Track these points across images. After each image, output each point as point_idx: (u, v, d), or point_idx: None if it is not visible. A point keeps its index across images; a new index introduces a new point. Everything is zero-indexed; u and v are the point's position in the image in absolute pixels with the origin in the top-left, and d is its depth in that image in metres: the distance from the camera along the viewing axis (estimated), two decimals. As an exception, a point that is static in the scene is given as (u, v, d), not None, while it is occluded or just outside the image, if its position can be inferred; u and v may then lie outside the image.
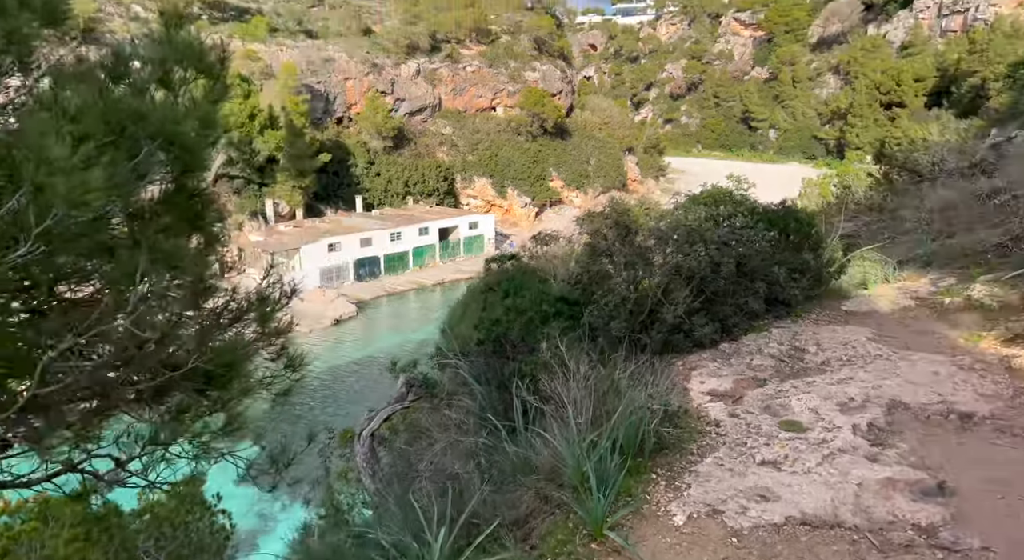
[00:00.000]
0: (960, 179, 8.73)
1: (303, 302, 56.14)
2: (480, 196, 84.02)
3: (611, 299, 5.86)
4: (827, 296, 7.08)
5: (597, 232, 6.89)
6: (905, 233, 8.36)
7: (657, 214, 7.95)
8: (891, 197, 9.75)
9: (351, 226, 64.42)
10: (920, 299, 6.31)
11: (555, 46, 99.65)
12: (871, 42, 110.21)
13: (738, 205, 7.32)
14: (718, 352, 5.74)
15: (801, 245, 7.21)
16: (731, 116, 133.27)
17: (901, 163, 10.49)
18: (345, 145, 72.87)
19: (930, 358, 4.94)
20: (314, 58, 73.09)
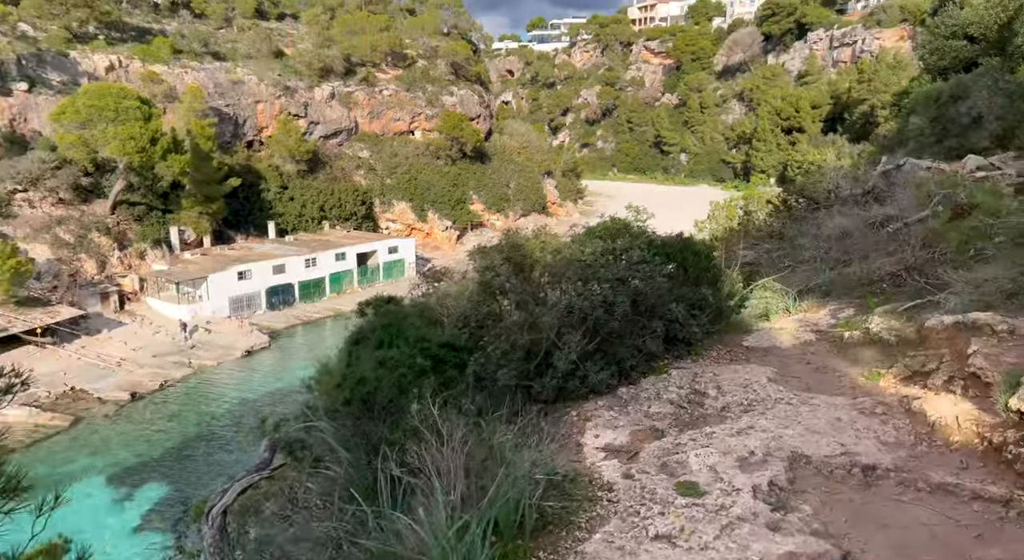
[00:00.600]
0: (855, 206, 8.91)
1: (211, 333, 53.55)
2: (400, 220, 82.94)
3: (500, 345, 5.43)
4: (728, 330, 6.92)
5: (489, 268, 6.48)
6: (804, 262, 8.40)
7: (553, 248, 7.60)
8: (790, 224, 9.85)
9: (263, 253, 62.06)
10: (820, 332, 6.23)
11: (472, 71, 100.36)
12: (771, 71, 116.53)
13: (635, 238, 7.07)
14: (615, 398, 5.40)
15: (700, 279, 7.12)
16: (644, 140, 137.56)
17: (799, 190, 10.66)
18: (256, 169, 70.50)
19: (831, 402, 4.78)
20: (222, 80, 70.65)
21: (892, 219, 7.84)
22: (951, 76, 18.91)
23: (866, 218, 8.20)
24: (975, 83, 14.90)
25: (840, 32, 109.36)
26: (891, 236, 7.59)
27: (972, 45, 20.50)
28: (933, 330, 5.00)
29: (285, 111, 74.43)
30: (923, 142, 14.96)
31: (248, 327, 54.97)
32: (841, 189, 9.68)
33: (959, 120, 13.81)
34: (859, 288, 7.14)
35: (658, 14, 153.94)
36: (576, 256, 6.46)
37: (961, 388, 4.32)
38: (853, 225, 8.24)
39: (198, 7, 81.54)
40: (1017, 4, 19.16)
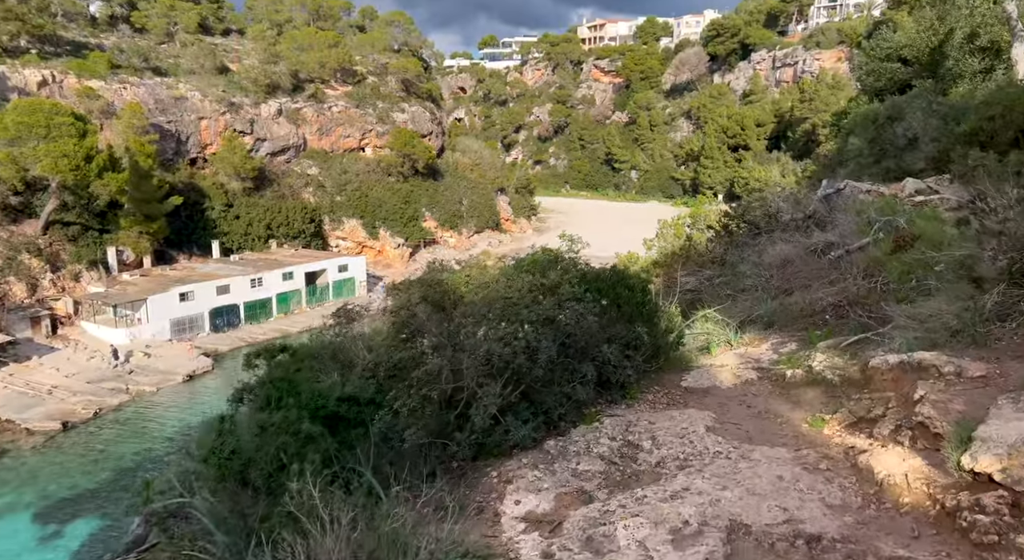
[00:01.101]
0: (796, 232, 8.77)
1: (150, 357, 51.42)
2: (350, 237, 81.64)
3: (408, 401, 4.90)
4: (667, 368, 6.54)
5: (404, 307, 5.98)
6: (745, 290, 8.18)
7: (478, 283, 7.10)
8: (731, 250, 9.68)
9: (207, 273, 60.10)
10: (762, 370, 5.94)
11: (423, 88, 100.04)
12: (717, 90, 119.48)
13: (566, 272, 6.66)
14: (542, 453, 4.92)
15: (635, 316, 6.79)
16: (596, 158, 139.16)
17: (740, 215, 10.52)
18: (200, 187, 68.52)
19: (773, 455, 4.44)
20: (163, 96, 68.64)
21: (833, 246, 7.69)
22: (887, 97, 19.43)
23: (807, 245, 8.03)
24: (909, 105, 15.22)
25: (782, 53, 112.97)
26: (832, 264, 7.43)
27: (906, 67, 21.14)
28: (878, 370, 4.77)
29: (230, 128, 72.68)
30: (862, 163, 15.17)
31: (192, 350, 53.00)
32: (782, 213, 9.54)
33: (896, 141, 14.04)
34: (801, 319, 6.91)
35: (607, 33, 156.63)
36: (501, 293, 6.01)
37: (909, 439, 4.04)
38: (794, 252, 8.06)
39: (138, 22, 79.36)
40: (947, 29, 19.85)
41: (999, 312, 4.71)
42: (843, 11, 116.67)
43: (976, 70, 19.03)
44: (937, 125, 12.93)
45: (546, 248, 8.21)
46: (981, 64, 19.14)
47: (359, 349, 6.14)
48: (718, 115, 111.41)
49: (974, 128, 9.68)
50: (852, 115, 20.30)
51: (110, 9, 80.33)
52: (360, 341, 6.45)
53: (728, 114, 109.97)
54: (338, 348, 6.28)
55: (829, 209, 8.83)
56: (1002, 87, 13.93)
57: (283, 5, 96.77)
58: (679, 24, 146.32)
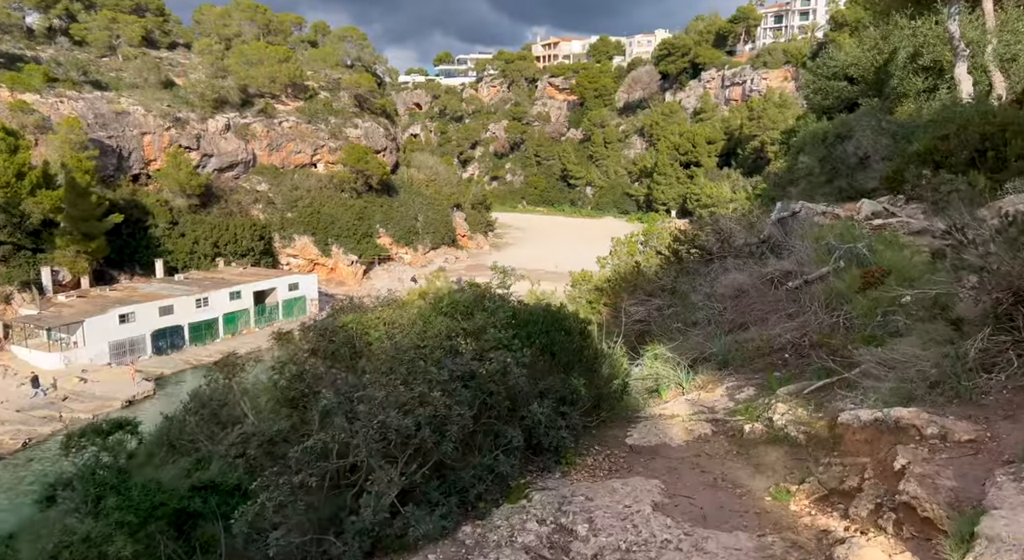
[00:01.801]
0: (750, 259, 8.29)
1: (87, 383, 48.89)
2: (302, 255, 79.75)
3: (276, 493, 3.96)
4: (610, 421, 5.81)
5: (291, 362, 5.08)
6: (697, 324, 7.63)
7: (392, 327, 6.20)
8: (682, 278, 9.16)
9: (149, 294, 57.69)
10: (717, 422, 5.30)
11: (377, 104, 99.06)
12: (669, 108, 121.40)
13: (492, 314, 5.89)
14: (454, 546, 3.93)
15: (572, 364, 5.96)
16: (552, 174, 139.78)
17: (690, 240, 10.01)
18: (143, 204, 66.07)
19: (731, 545, 3.77)
20: (104, 111, 66.19)
21: (791, 275, 7.18)
22: (835, 115, 19.52)
23: (763, 274, 7.50)
24: (858, 123, 15.15)
25: (731, 72, 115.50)
26: (790, 295, 6.93)
27: (852, 86, 21.34)
28: (848, 428, 4.18)
29: (175, 143, 70.48)
30: (813, 182, 15.02)
31: (135, 375, 50.59)
32: (735, 238, 9.07)
33: (847, 160, 13.91)
34: (759, 358, 6.35)
35: (561, 51, 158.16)
36: (414, 341, 5.21)
37: (893, 524, 3.44)
38: (749, 281, 7.52)
39: (78, 34, 76.62)
40: (891, 48, 20.09)
41: (984, 361, 4.18)
42: (788, 32, 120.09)
43: (920, 89, 19.30)
44: (887, 144, 12.81)
45: (473, 283, 7.44)
46: (925, 83, 19.42)
47: (244, 410, 5.11)
48: (670, 132, 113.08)
49: (928, 148, 9.43)
50: (801, 133, 20.29)
51: (47, 21, 77.41)
52: (247, 399, 5.42)
53: (680, 131, 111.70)
54: (217, 409, 5.18)
55: (784, 233, 8.38)
56: (947, 105, 13.90)
57: (232, 19, 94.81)
58: (631, 43, 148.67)
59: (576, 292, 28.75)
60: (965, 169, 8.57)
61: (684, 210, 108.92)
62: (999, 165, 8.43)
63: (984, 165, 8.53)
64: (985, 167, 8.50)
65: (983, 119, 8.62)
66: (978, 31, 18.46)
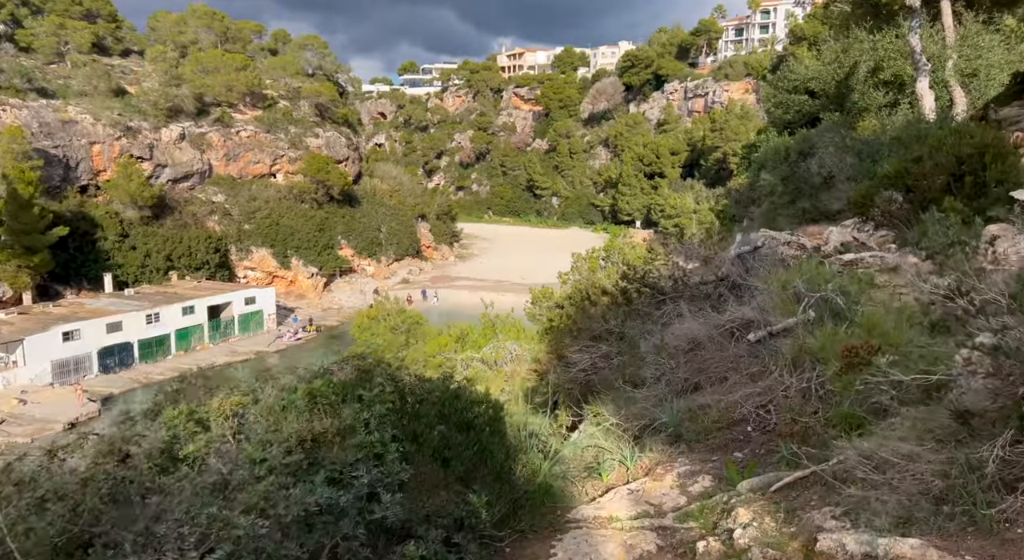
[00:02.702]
0: (706, 301, 7.42)
1: (25, 404, 46.41)
2: (260, 268, 77.64)
3: None
4: (531, 533, 4.66)
5: (60, 491, 3.44)
6: (647, 381, 6.73)
7: (225, 428, 4.50)
8: (630, 322, 8.28)
9: (95, 310, 55.31)
10: (664, 531, 4.36)
11: (339, 113, 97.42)
12: (633, 119, 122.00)
13: (370, 406, 4.49)
14: None
15: (474, 472, 4.54)
16: (518, 184, 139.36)
17: (640, 278, 9.11)
18: (91, 216, 63.53)
19: None
20: (49, 120, 63.58)
21: (752, 326, 6.33)
22: (796, 130, 19.08)
23: (720, 322, 6.63)
24: (821, 139, 14.62)
25: (693, 84, 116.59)
26: (752, 351, 6.09)
27: (813, 100, 20.99)
28: (830, 559, 3.35)
29: (126, 153, 68.05)
30: (776, 202, 14.41)
31: (81, 395, 48.19)
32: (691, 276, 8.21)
33: (811, 180, 13.31)
34: (716, 433, 5.48)
35: (526, 62, 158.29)
36: (250, 453, 3.74)
37: None
38: (704, 331, 6.59)
39: (24, 40, 73.71)
40: (851, 62, 19.79)
41: (1005, 475, 3.30)
42: (749, 45, 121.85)
43: (881, 104, 18.99)
44: (852, 163, 12.24)
45: (360, 356, 6.19)
46: (886, 98, 19.11)
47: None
48: (634, 143, 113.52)
49: (899, 170, 8.79)
50: (763, 148, 19.76)
51: (-8, 25, 74.45)
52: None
53: (644, 143, 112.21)
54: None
55: (745, 271, 7.55)
56: (911, 122, 13.43)
57: (188, 26, 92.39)
58: (595, 54, 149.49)
59: (536, 310, 27.93)
60: (940, 195, 7.92)
61: (649, 221, 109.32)
62: (978, 191, 7.80)
63: (961, 191, 7.89)
64: (962, 193, 7.86)
65: (959, 139, 8.01)
66: (938, 46, 18.24)
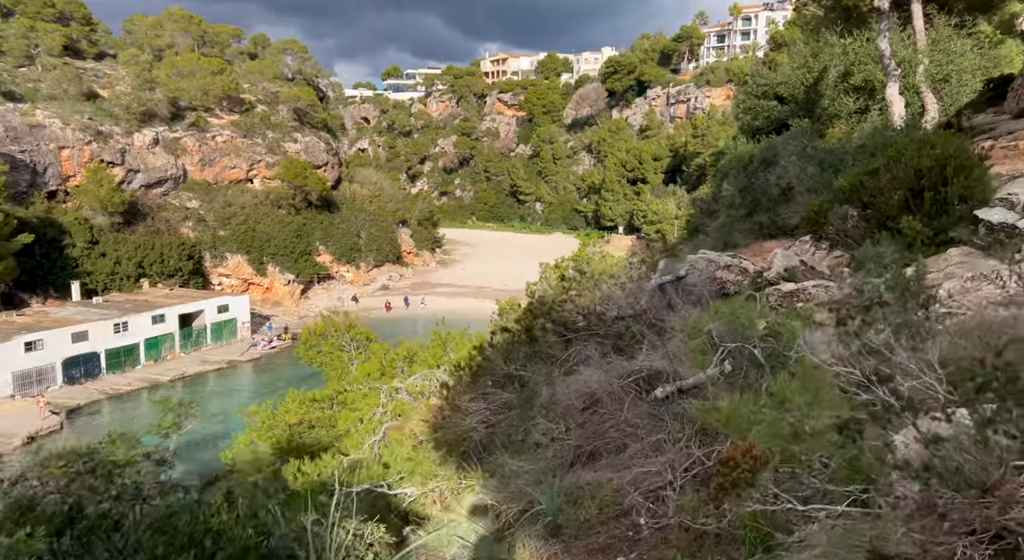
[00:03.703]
0: (619, 341, 6.40)
1: (-16, 419, 44.86)
2: (235, 274, 76.20)
3: None
4: None
5: None
6: (538, 445, 5.68)
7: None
8: (532, 364, 7.23)
9: (60, 319, 53.78)
10: None
11: (318, 117, 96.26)
12: (616, 125, 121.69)
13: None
14: None
15: None
16: (501, 190, 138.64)
17: (546, 312, 8.00)
18: (59, 223, 61.95)
19: None
20: (16, 123, 62.00)
21: (660, 378, 5.35)
22: (764, 137, 18.35)
23: (626, 372, 5.62)
24: (785, 147, 13.85)
25: (675, 90, 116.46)
26: (656, 412, 5.09)
27: (783, 106, 20.27)
28: None
29: (97, 158, 66.51)
30: (733, 215, 13.56)
31: (42, 407, 46.69)
32: (608, 310, 7.14)
33: (769, 191, 12.47)
34: (602, 526, 4.44)
35: (510, 68, 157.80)
36: None
37: None
38: (606, 382, 5.60)
39: (-8, 41, 72.02)
40: (821, 66, 19.13)
41: None
42: (731, 51, 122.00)
43: (852, 110, 18.29)
44: (813, 173, 11.42)
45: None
46: (856, 104, 18.43)
47: None
48: (617, 149, 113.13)
49: (853, 184, 7.99)
50: (728, 156, 18.89)
51: (-41, 27, 72.68)
52: None
53: (626, 148, 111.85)
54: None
55: (667, 304, 6.58)
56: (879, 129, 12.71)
57: (164, 30, 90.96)
58: (579, 60, 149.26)
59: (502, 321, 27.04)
60: (897, 212, 7.12)
61: (632, 226, 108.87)
62: (938, 209, 6.99)
63: (920, 208, 7.08)
64: (922, 211, 7.05)
65: (919, 151, 7.20)
66: (909, 50, 17.60)
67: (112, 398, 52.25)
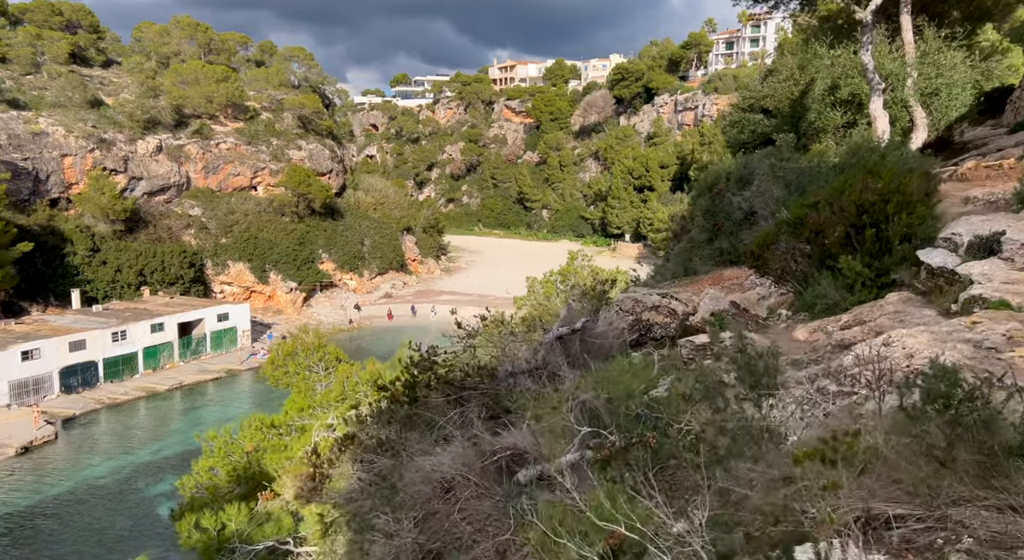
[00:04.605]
0: (506, 405, 5.57)
1: (-22, 428, 44.79)
2: (237, 282, 76.16)
3: None
4: None
5: None
6: (390, 538, 4.95)
7: None
8: (407, 431, 6.50)
9: (59, 327, 53.78)
10: None
11: (323, 125, 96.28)
12: (623, 132, 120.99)
13: None
14: None
15: None
16: (508, 196, 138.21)
17: (428, 367, 7.04)
18: (60, 230, 62.14)
19: None
20: (19, 131, 62.33)
21: (525, 459, 4.53)
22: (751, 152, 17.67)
23: (488, 450, 4.82)
24: (760, 165, 13.18)
25: (683, 97, 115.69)
26: (512, 502, 4.31)
27: (769, 119, 19.56)
28: None
29: (99, 166, 66.73)
30: (695, 239, 12.85)
31: (36, 417, 46.53)
32: (502, 364, 6.37)
33: (732, 214, 11.79)
34: None
35: (517, 75, 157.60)
36: None
37: None
38: (464, 461, 4.84)
39: (-1, 49, 72.53)
40: (808, 79, 18.44)
41: None
42: (738, 58, 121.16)
43: (839, 124, 17.56)
44: (780, 196, 10.74)
45: None
46: (843, 118, 17.70)
47: None
48: (624, 156, 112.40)
49: (798, 216, 7.35)
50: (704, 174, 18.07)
51: (-33, 36, 73.25)
52: None
53: (634, 155, 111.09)
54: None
55: (566, 360, 5.81)
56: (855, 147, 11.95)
57: (171, 37, 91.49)
58: (586, 67, 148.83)
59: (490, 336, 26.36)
60: (839, 249, 6.49)
61: (638, 234, 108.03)
62: (880, 247, 6.35)
63: (862, 246, 6.45)
64: (863, 248, 6.41)
65: (863, 183, 6.54)
66: (896, 63, 16.89)
67: (109, 407, 52.11)
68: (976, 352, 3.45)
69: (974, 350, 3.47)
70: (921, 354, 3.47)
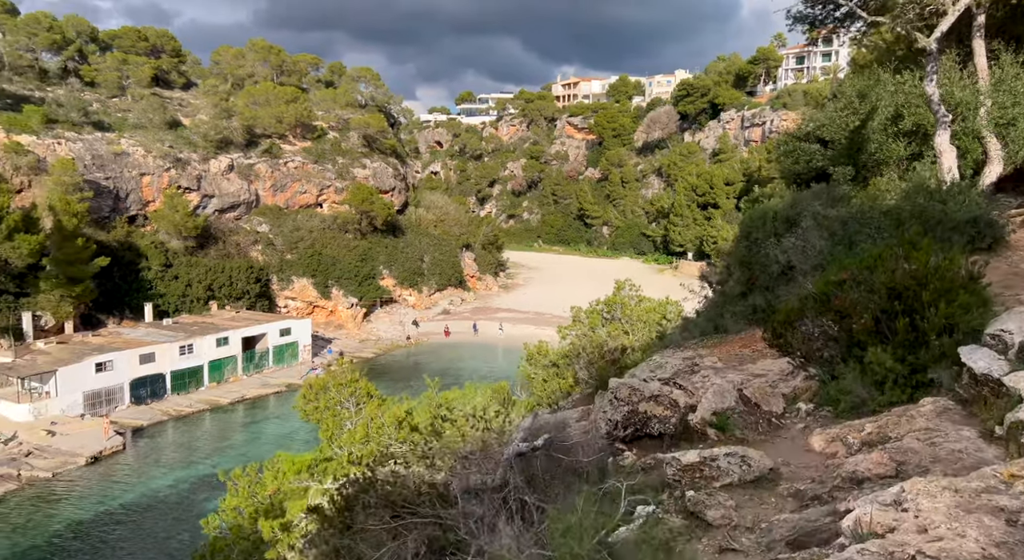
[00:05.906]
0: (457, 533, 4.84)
1: (54, 436, 47.00)
2: (300, 297, 78.08)
3: None
4: None
5: None
6: None
7: None
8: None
9: (131, 340, 56.13)
10: None
11: (387, 143, 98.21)
12: (687, 148, 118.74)
13: None
14: None
15: None
16: (568, 213, 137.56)
17: (368, 485, 6.38)
18: (137, 246, 65.13)
19: None
20: (102, 152, 65.84)
21: None
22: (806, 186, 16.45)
23: None
24: (809, 205, 12.12)
25: (750, 113, 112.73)
26: None
27: (825, 150, 18.35)
28: None
29: (175, 184, 69.78)
30: (728, 293, 11.87)
31: (108, 427, 48.49)
32: (457, 478, 5.63)
33: (768, 267, 10.77)
34: None
35: (581, 91, 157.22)
36: None
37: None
38: None
39: (88, 75, 77.08)
40: (868, 107, 17.22)
41: None
42: (809, 73, 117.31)
43: (902, 156, 16.25)
44: (823, 248, 9.74)
45: None
46: (908, 149, 16.39)
47: None
48: (688, 173, 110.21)
49: (824, 292, 6.50)
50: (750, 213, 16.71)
51: (62, 62, 78.15)
52: None
53: (697, 172, 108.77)
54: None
55: (528, 481, 4.97)
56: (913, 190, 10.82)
57: (246, 60, 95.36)
58: (651, 83, 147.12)
59: (530, 369, 25.74)
60: (867, 337, 5.68)
61: (701, 252, 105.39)
62: (915, 338, 5.48)
63: (894, 336, 5.60)
64: (895, 340, 5.56)
65: (895, 261, 5.67)
66: (968, 91, 15.59)
67: (175, 419, 53.95)
68: (1008, 533, 2.65)
69: (1006, 529, 2.66)
70: (936, 529, 2.72)
